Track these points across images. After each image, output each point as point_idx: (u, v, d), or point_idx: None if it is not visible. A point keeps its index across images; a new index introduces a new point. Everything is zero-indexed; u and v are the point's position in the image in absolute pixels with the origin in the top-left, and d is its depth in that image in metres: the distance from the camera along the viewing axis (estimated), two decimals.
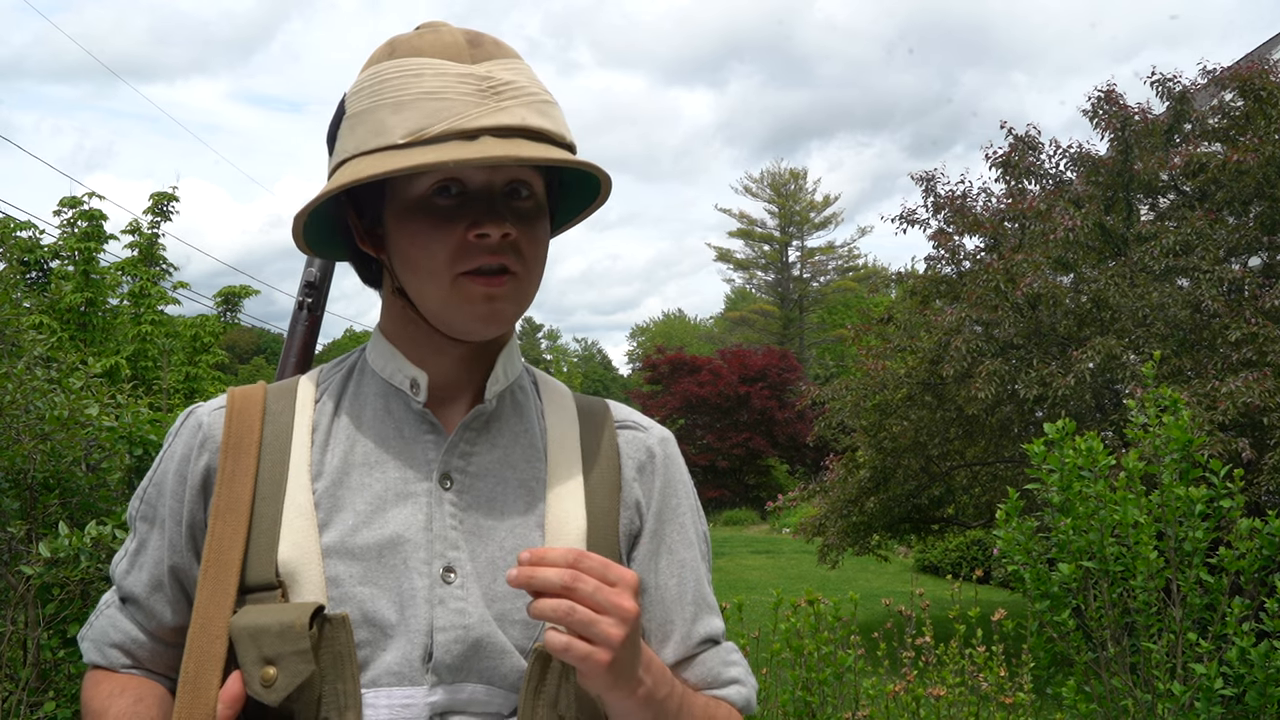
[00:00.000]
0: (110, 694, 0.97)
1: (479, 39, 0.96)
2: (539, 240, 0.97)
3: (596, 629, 0.80)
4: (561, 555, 0.81)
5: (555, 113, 0.96)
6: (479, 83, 0.92)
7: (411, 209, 0.94)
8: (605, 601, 0.80)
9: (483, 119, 0.90)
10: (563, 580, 0.80)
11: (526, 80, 0.95)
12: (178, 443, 1.01)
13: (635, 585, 0.84)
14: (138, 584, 0.99)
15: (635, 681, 0.85)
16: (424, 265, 0.94)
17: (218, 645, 0.89)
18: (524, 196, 0.95)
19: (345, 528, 0.93)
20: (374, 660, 0.90)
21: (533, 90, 0.94)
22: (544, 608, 0.80)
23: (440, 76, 0.92)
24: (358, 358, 1.06)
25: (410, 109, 0.91)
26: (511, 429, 1.02)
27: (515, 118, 0.91)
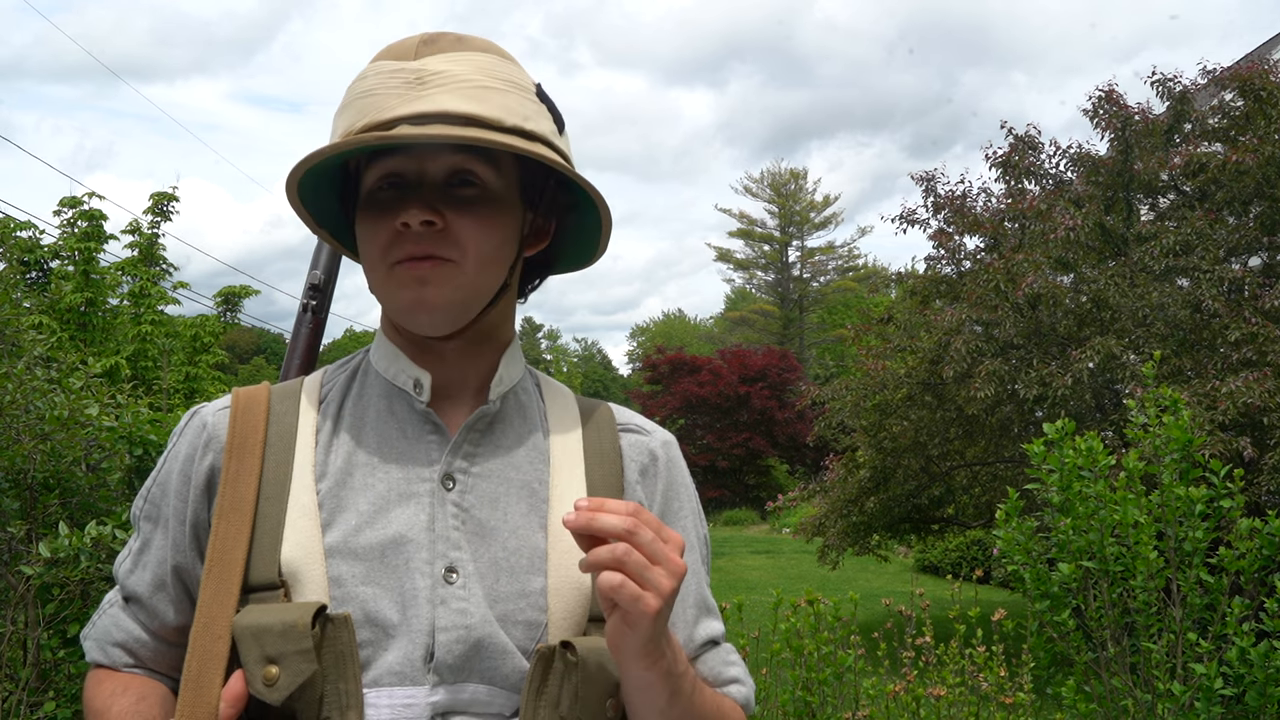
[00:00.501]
0: (113, 693, 0.97)
1: (436, 38, 0.96)
2: (484, 228, 0.95)
3: (650, 574, 0.80)
4: (622, 505, 0.82)
5: (498, 99, 0.94)
6: (408, 75, 0.93)
7: (362, 205, 0.97)
8: (660, 552, 0.81)
9: (400, 108, 0.91)
10: (625, 525, 0.80)
11: (468, 69, 0.94)
12: (182, 443, 1.01)
13: (683, 546, 0.84)
14: (141, 583, 1.00)
15: (659, 652, 0.85)
16: (367, 258, 0.97)
17: (220, 644, 0.89)
18: (468, 185, 0.95)
19: (348, 528, 0.93)
20: (376, 660, 0.90)
21: (469, 77, 0.93)
22: (601, 553, 0.79)
23: (377, 75, 0.94)
24: (362, 358, 1.06)
25: (348, 110, 0.94)
26: (515, 430, 1.02)
27: (433, 104, 0.91)
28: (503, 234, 0.97)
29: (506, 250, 0.98)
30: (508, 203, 0.98)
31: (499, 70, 0.96)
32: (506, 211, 0.97)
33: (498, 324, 1.03)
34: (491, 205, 0.96)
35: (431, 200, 0.93)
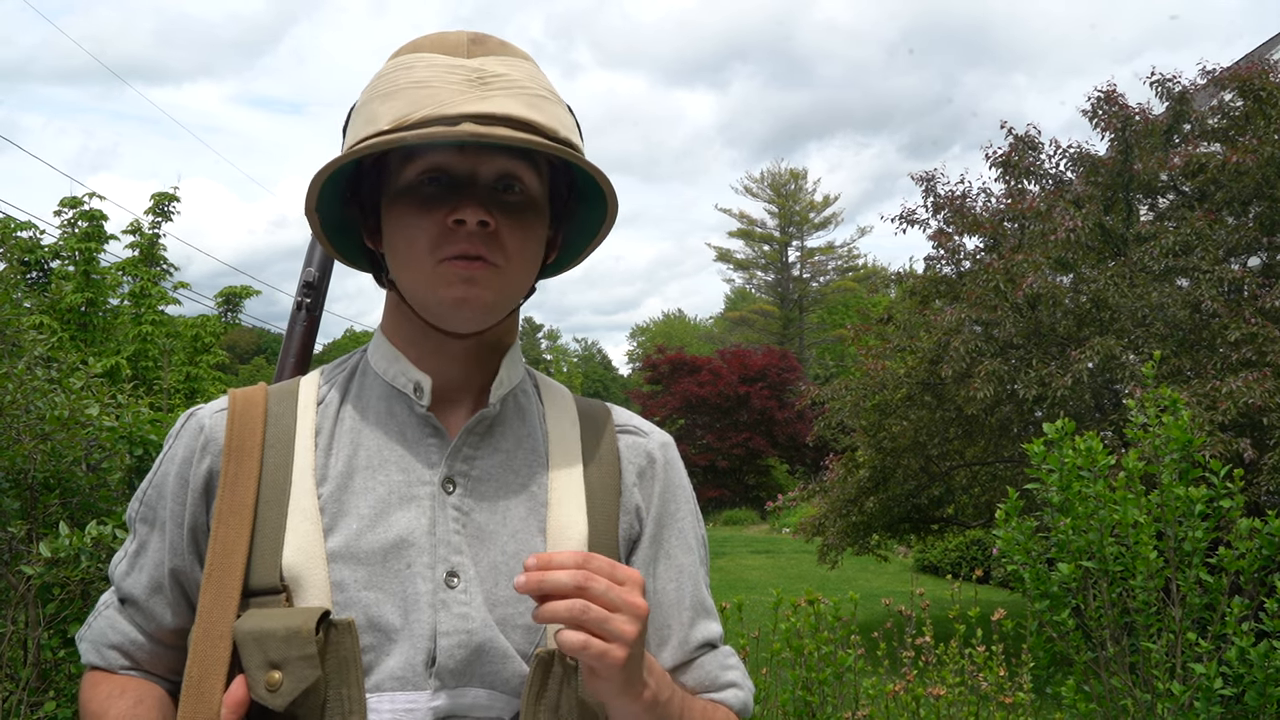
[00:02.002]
0: (109, 695, 0.97)
1: (484, 39, 0.97)
2: (526, 236, 0.96)
3: (610, 626, 0.79)
4: (570, 558, 0.81)
5: (551, 109, 0.95)
6: (468, 73, 0.92)
7: (400, 196, 0.95)
8: (618, 599, 0.80)
9: (465, 106, 0.90)
10: (575, 581, 0.79)
11: (522, 75, 0.94)
12: (178, 445, 1.00)
13: (642, 584, 0.84)
14: (137, 586, 0.99)
15: (641, 684, 0.85)
16: (407, 251, 0.95)
17: (221, 649, 0.88)
18: (513, 190, 0.95)
19: (350, 532, 0.93)
20: (378, 665, 0.89)
21: (525, 84, 0.94)
22: (558, 609, 0.79)
23: (430, 68, 0.93)
24: (359, 359, 1.06)
25: (398, 98, 0.92)
26: (514, 433, 1.02)
27: (499, 106, 0.91)
28: (538, 241, 0.98)
29: (539, 258, 1.00)
30: (543, 211, 0.99)
31: (543, 80, 0.98)
32: (542, 220, 0.99)
33: (508, 329, 1.04)
34: (533, 212, 0.97)
35: (486, 202, 0.93)
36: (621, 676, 0.82)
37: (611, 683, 0.82)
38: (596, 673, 0.82)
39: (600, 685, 0.83)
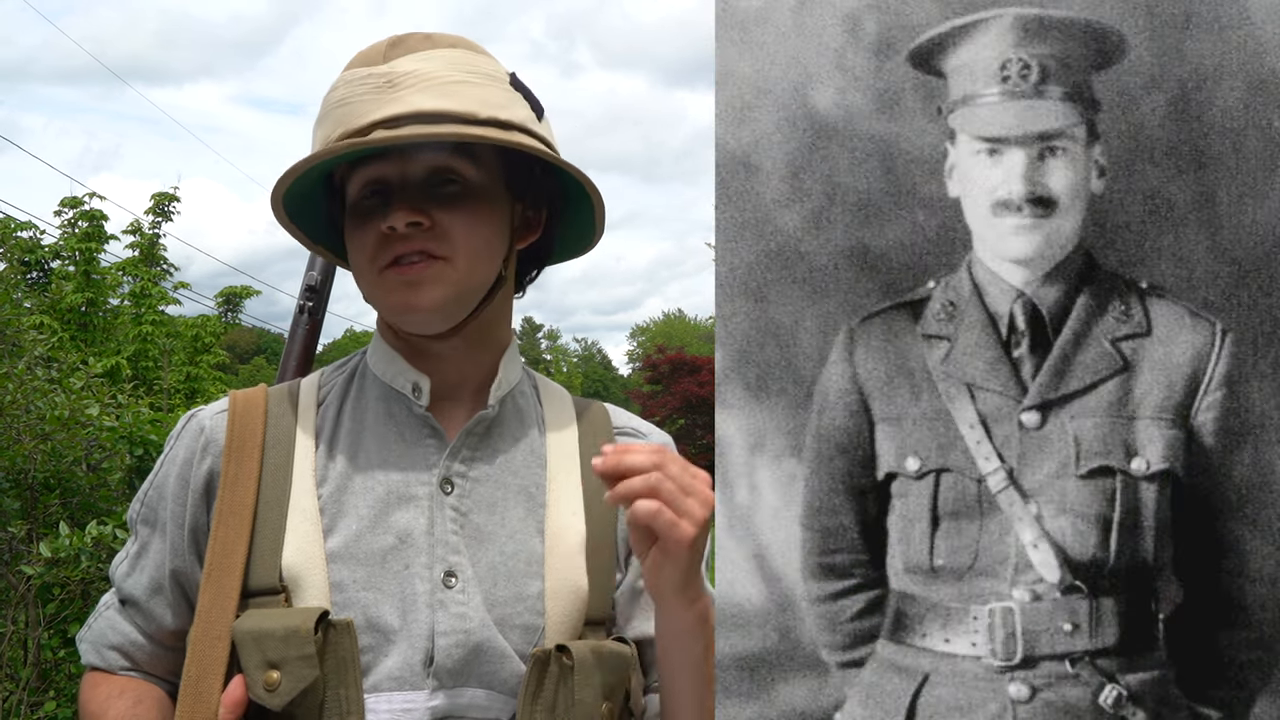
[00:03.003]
0: (109, 696, 0.97)
1: (403, 39, 0.96)
2: (472, 224, 0.95)
3: (684, 502, 0.81)
4: (647, 446, 0.83)
5: (469, 91, 0.94)
6: (378, 80, 0.93)
7: (349, 213, 0.97)
8: (690, 483, 0.82)
9: (373, 113, 0.91)
10: (653, 459, 0.81)
11: (436, 66, 0.94)
12: (179, 446, 1.01)
13: (710, 480, 0.85)
14: (138, 587, 0.99)
15: (698, 590, 0.86)
16: (357, 263, 0.97)
17: (220, 649, 0.89)
18: (448, 182, 0.95)
19: (349, 533, 0.93)
20: (376, 665, 0.90)
21: (437, 75, 0.93)
22: (634, 481, 0.80)
23: (348, 84, 0.94)
24: (359, 360, 1.06)
25: (325, 121, 0.94)
26: (512, 434, 1.02)
27: (405, 105, 0.91)
28: (491, 228, 0.97)
29: (497, 244, 0.98)
30: (493, 196, 0.97)
31: (469, 63, 0.96)
32: (493, 205, 0.97)
33: (495, 324, 1.03)
34: (477, 200, 0.95)
35: (416, 201, 0.93)
36: (687, 559, 0.82)
37: (676, 566, 0.83)
38: (665, 549, 0.82)
39: (664, 572, 0.83)
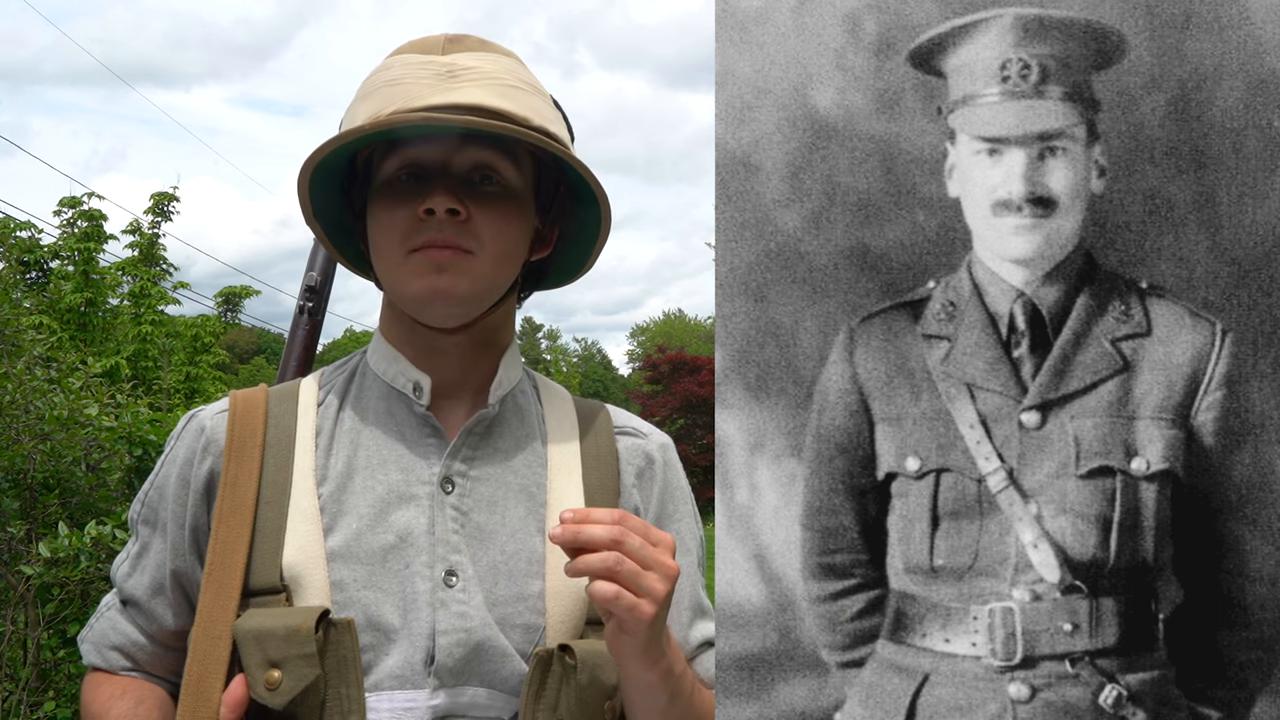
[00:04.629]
0: (111, 696, 0.97)
1: (462, 38, 0.98)
2: (503, 225, 0.95)
3: (643, 581, 0.80)
4: (606, 514, 0.81)
5: (525, 99, 0.95)
6: (439, 68, 0.93)
7: (379, 191, 0.96)
8: (650, 557, 0.81)
9: (432, 98, 0.91)
10: (610, 535, 0.80)
11: (496, 69, 0.95)
12: (180, 446, 1.01)
13: (674, 546, 0.84)
14: (139, 587, 0.99)
15: (659, 652, 0.85)
16: (383, 244, 0.96)
17: (221, 649, 0.89)
18: (490, 181, 0.95)
19: (350, 532, 0.93)
20: (377, 664, 0.90)
21: (498, 75, 0.94)
22: (591, 561, 0.79)
23: (404, 66, 0.94)
24: (359, 360, 1.06)
25: (373, 97, 0.94)
26: (513, 433, 1.02)
27: (467, 96, 0.92)
28: (518, 232, 0.98)
29: (520, 249, 0.99)
30: (524, 202, 0.98)
31: (523, 74, 0.98)
32: (523, 211, 0.98)
33: (499, 325, 1.03)
34: (511, 202, 0.96)
35: (456, 191, 0.93)
36: (647, 635, 0.82)
37: (636, 640, 0.82)
38: (624, 628, 0.82)
39: (624, 644, 0.83)
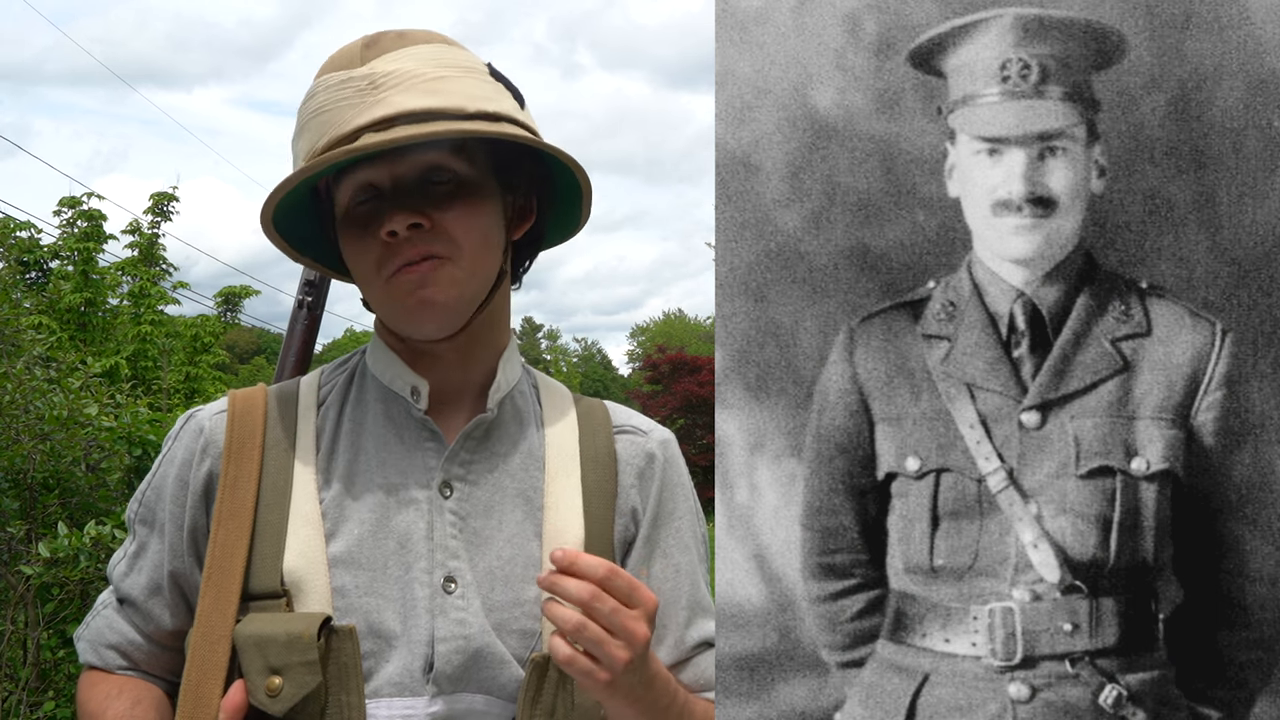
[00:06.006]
0: (107, 695, 0.96)
1: (377, 39, 0.95)
2: (471, 219, 0.94)
3: (603, 649, 0.79)
4: (592, 567, 0.80)
5: (453, 86, 0.92)
6: (358, 84, 0.91)
7: (343, 223, 0.96)
8: (619, 625, 0.80)
9: (358, 118, 0.90)
10: (583, 597, 0.79)
11: (416, 64, 0.92)
12: (178, 447, 1.00)
13: (654, 611, 0.83)
14: (135, 587, 0.99)
15: (635, 696, 0.85)
16: (360, 274, 0.96)
17: (220, 653, 0.88)
18: (442, 181, 0.94)
19: (351, 538, 0.93)
20: (376, 671, 0.90)
21: (419, 72, 0.92)
22: (557, 614, 0.79)
23: (327, 90, 0.92)
24: (358, 360, 1.05)
25: (306, 131, 0.93)
26: (511, 436, 1.01)
27: (391, 106, 0.90)
28: (489, 221, 0.96)
29: (495, 236, 0.97)
30: (487, 190, 0.96)
31: (448, 58, 0.95)
32: (487, 198, 0.96)
33: (495, 324, 1.03)
34: (472, 195, 0.95)
35: (412, 203, 0.91)
36: (606, 691, 0.82)
37: (596, 694, 0.83)
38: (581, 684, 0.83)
39: (588, 691, 0.85)
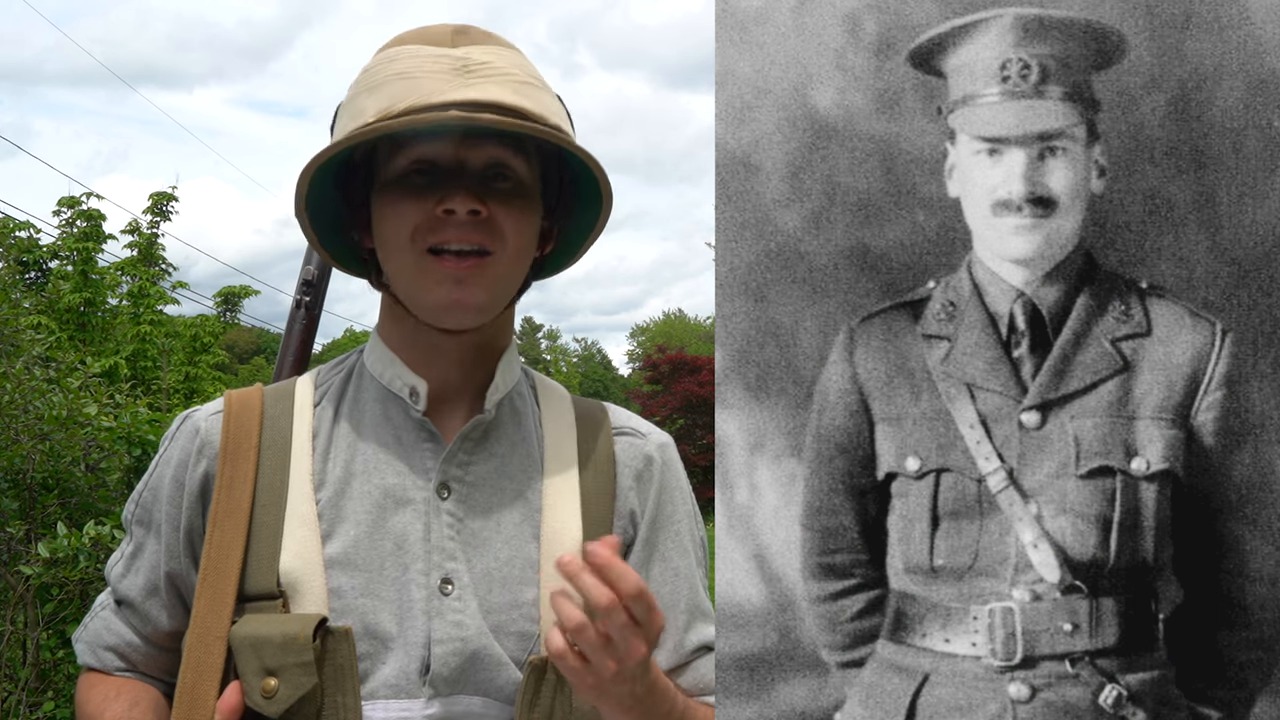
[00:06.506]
0: (105, 697, 0.96)
1: (467, 29, 0.96)
2: (520, 222, 0.95)
3: (597, 656, 0.78)
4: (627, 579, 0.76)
5: (539, 95, 0.94)
6: (453, 62, 0.92)
7: (389, 186, 0.94)
8: (619, 638, 0.78)
9: (451, 94, 0.90)
10: (602, 602, 0.76)
11: (507, 63, 0.94)
12: (174, 448, 1.00)
13: (659, 632, 0.81)
14: (133, 588, 0.99)
15: (626, 706, 0.84)
16: (393, 240, 0.94)
17: (215, 654, 0.88)
18: (504, 178, 0.94)
19: (348, 539, 0.92)
20: (373, 673, 0.89)
21: (511, 71, 0.93)
22: (564, 611, 0.78)
23: (414, 58, 0.93)
24: (356, 360, 1.05)
25: (381, 90, 0.92)
26: (509, 438, 1.01)
27: (485, 93, 0.90)
28: (532, 228, 0.98)
29: (533, 245, 0.99)
30: (535, 199, 0.98)
31: (530, 69, 0.97)
32: (535, 207, 0.98)
33: (501, 328, 1.03)
34: (525, 199, 0.96)
35: (476, 190, 0.92)
36: (593, 694, 0.81)
37: (583, 694, 0.82)
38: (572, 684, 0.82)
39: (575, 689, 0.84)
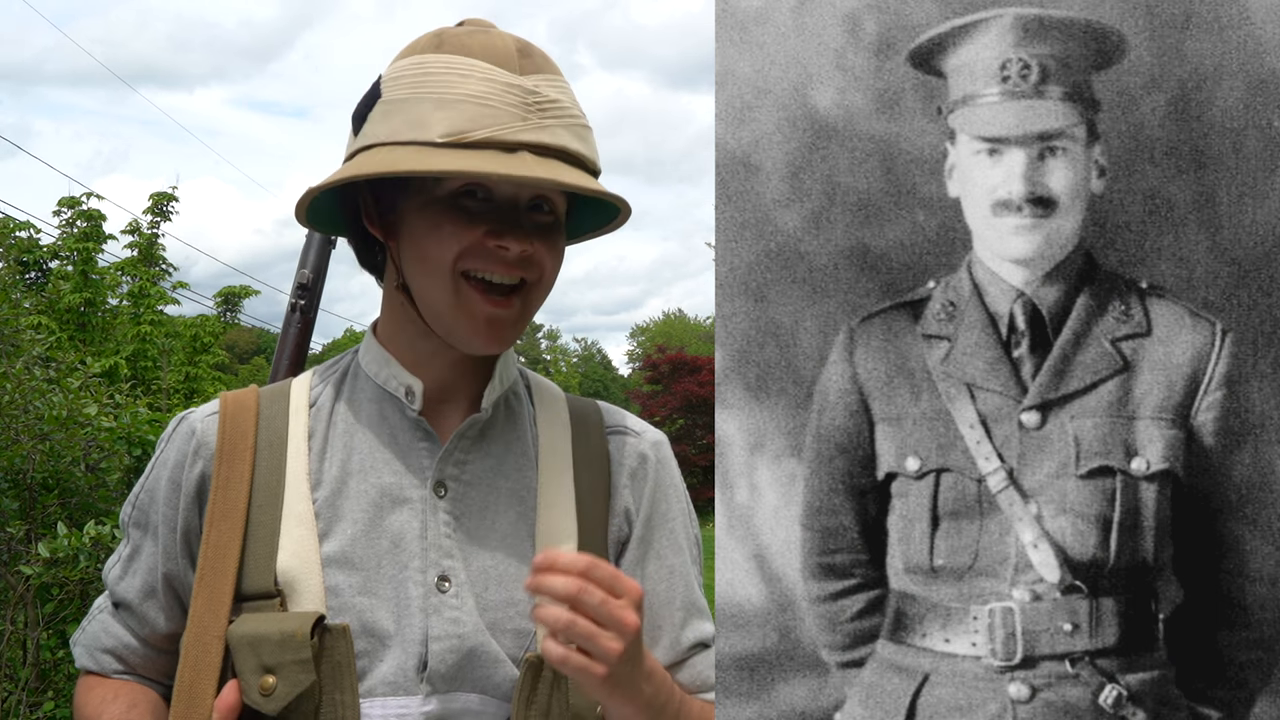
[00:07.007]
0: (103, 700, 0.97)
1: (529, 49, 0.96)
2: (556, 256, 0.98)
3: (596, 643, 0.79)
4: (573, 562, 0.80)
5: (590, 138, 0.97)
6: (525, 96, 0.92)
7: (434, 204, 0.93)
8: (608, 615, 0.79)
9: (524, 134, 0.91)
10: (569, 591, 0.79)
11: (569, 101, 0.96)
12: (170, 449, 1.00)
13: (640, 599, 0.83)
14: (130, 590, 0.99)
15: (635, 690, 0.84)
16: (434, 258, 0.93)
17: (213, 653, 0.88)
18: (546, 212, 0.96)
19: (345, 538, 0.93)
20: (371, 670, 0.90)
21: (574, 113, 0.96)
22: (546, 616, 0.79)
23: (487, 82, 0.92)
24: (351, 360, 1.05)
25: (453, 109, 0.91)
26: (504, 437, 1.01)
27: (556, 138, 0.92)
28: (563, 256, 1.01)
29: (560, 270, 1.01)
30: (563, 227, 1.00)
31: (580, 104, 0.99)
32: (563, 239, 1.01)
33: None
34: (559, 233, 0.99)
35: (525, 229, 0.93)
36: (605, 687, 0.81)
37: (595, 691, 0.82)
38: (578, 682, 0.82)
39: (587, 691, 0.84)
